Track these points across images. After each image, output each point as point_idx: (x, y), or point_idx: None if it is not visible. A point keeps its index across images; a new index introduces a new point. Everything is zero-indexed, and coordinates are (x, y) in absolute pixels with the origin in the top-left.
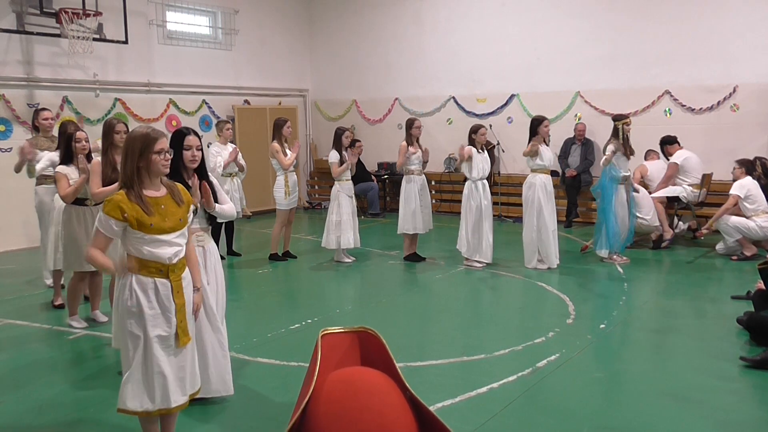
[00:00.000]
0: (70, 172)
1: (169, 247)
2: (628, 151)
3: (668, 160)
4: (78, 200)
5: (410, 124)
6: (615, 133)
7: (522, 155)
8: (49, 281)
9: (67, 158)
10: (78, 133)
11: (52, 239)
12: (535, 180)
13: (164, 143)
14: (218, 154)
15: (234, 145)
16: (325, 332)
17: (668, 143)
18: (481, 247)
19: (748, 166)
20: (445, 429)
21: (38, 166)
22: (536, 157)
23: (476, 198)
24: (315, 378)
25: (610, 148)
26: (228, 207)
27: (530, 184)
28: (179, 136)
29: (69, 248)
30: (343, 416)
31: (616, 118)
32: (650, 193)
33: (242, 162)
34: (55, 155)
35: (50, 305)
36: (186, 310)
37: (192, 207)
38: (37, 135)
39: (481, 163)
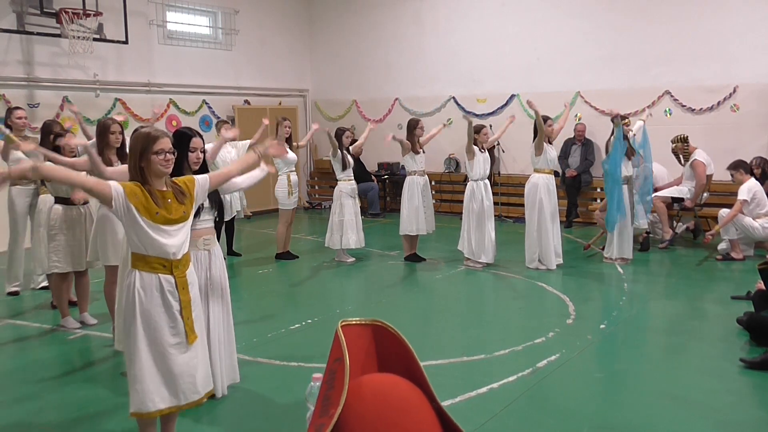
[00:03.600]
0: None
1: (173, 239)
2: (628, 151)
3: (683, 162)
4: (64, 200)
5: (415, 124)
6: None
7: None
8: (16, 287)
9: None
10: (68, 135)
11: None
12: (538, 180)
13: (164, 143)
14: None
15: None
16: (345, 323)
17: (686, 141)
18: (483, 247)
19: (744, 167)
20: None
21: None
22: (539, 156)
23: (478, 198)
24: (346, 381)
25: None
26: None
27: (533, 184)
28: (185, 137)
29: (54, 248)
30: None
31: (614, 119)
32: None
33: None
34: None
35: (50, 305)
36: (192, 307)
37: (196, 203)
38: (9, 134)
39: (482, 163)
